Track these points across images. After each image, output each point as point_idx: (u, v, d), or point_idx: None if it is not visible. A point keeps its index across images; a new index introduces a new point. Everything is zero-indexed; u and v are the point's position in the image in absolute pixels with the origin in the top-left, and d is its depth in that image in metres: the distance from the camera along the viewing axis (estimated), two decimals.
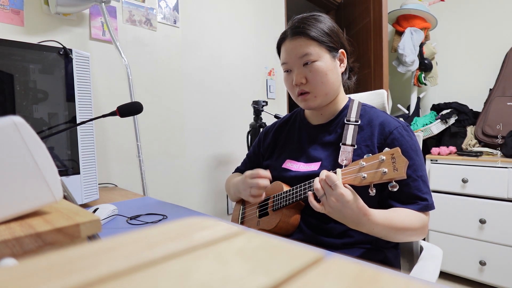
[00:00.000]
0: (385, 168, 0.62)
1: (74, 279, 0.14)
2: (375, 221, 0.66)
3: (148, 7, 1.49)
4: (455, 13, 2.38)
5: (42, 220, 0.34)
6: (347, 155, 0.75)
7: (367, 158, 0.66)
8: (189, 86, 1.67)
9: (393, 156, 0.62)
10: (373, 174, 0.63)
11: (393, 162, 0.61)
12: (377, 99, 1.01)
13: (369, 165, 0.65)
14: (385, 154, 0.63)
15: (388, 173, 0.61)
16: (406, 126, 0.79)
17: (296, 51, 0.79)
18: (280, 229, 0.80)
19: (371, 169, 0.64)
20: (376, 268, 0.18)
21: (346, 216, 0.65)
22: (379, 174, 0.63)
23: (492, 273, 1.74)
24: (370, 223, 0.66)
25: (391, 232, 0.69)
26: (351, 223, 0.66)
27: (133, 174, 1.40)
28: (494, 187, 1.73)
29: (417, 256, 0.90)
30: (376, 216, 0.67)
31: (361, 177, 0.65)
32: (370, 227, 0.67)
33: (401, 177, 0.60)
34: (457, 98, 2.30)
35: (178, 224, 0.23)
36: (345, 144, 0.78)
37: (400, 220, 0.70)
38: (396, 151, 0.62)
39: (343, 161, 0.75)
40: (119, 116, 0.83)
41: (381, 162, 0.63)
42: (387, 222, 0.68)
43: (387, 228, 0.68)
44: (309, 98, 0.81)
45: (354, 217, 0.65)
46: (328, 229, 0.77)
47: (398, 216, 0.70)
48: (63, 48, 0.90)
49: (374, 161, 0.64)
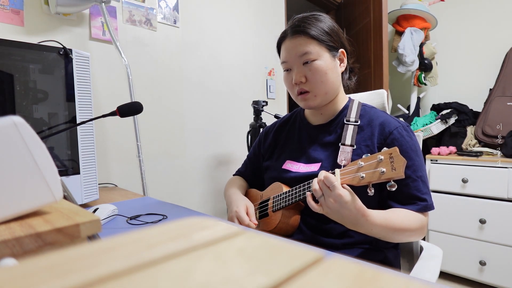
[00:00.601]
0: (383, 168, 0.62)
1: (74, 279, 0.14)
2: (373, 222, 0.66)
3: (148, 7, 1.49)
4: (455, 13, 2.38)
5: (42, 220, 0.34)
6: (346, 155, 0.75)
7: (365, 158, 0.66)
8: (189, 86, 1.67)
9: (391, 156, 0.62)
10: (371, 174, 0.63)
11: (391, 161, 0.61)
12: (377, 99, 1.00)
13: (367, 165, 0.65)
14: (383, 154, 0.63)
15: (386, 172, 0.61)
16: (406, 126, 0.79)
17: (296, 50, 0.79)
18: (280, 230, 0.80)
19: (369, 169, 0.64)
20: (376, 268, 0.18)
21: (344, 217, 0.65)
22: (377, 174, 0.62)
23: (492, 273, 1.74)
24: (368, 224, 0.66)
25: (390, 232, 0.69)
26: (349, 224, 0.66)
27: (133, 174, 1.40)
28: (494, 187, 1.73)
29: (417, 256, 0.90)
30: (375, 217, 0.67)
31: (359, 177, 0.65)
32: (368, 228, 0.66)
33: (399, 176, 0.60)
34: (457, 98, 2.30)
35: (178, 224, 0.23)
36: (344, 144, 0.77)
37: (399, 221, 0.70)
38: (394, 151, 0.62)
39: (342, 161, 0.75)
40: (119, 116, 0.83)
41: (379, 162, 0.63)
42: (385, 222, 0.68)
43: (385, 229, 0.68)
44: (309, 97, 0.81)
45: (352, 217, 0.64)
46: (328, 230, 0.77)
47: (396, 217, 0.70)
48: (63, 48, 0.90)
49: (372, 161, 0.64)
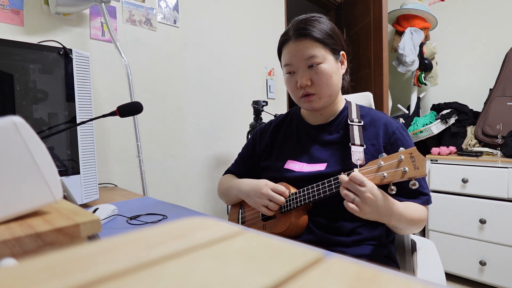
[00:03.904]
0: (406, 167, 0.63)
1: (74, 279, 0.14)
2: (400, 211, 0.69)
3: (148, 7, 1.49)
4: (455, 13, 2.38)
5: (42, 220, 0.34)
6: (359, 155, 0.75)
7: (384, 158, 0.66)
8: (189, 86, 1.67)
9: (412, 155, 0.63)
10: (393, 173, 0.64)
11: (413, 161, 0.63)
12: (365, 101, 1.03)
13: (388, 165, 0.65)
14: (403, 153, 0.64)
15: (409, 171, 0.63)
16: (403, 126, 0.84)
17: (301, 53, 0.78)
18: (291, 232, 0.79)
19: (391, 168, 0.65)
20: (376, 268, 0.18)
21: (380, 209, 0.66)
22: (399, 173, 0.63)
23: (492, 273, 1.74)
24: (397, 213, 0.69)
25: (408, 222, 0.72)
26: (385, 216, 0.67)
27: (133, 174, 1.40)
28: (494, 187, 1.73)
29: (409, 250, 0.93)
30: (399, 206, 0.70)
31: (381, 176, 0.65)
32: (397, 217, 0.69)
33: (422, 175, 0.62)
34: (457, 98, 2.30)
35: (178, 224, 0.23)
36: (354, 144, 0.77)
37: (413, 211, 0.74)
38: (414, 150, 0.63)
39: (357, 161, 0.75)
40: (119, 116, 0.83)
41: (400, 161, 0.64)
42: (407, 212, 0.71)
43: (407, 219, 0.71)
44: (314, 99, 0.81)
45: (387, 208, 0.67)
46: (338, 228, 0.78)
47: (410, 208, 0.74)
48: (63, 48, 0.90)
49: (393, 160, 0.65)
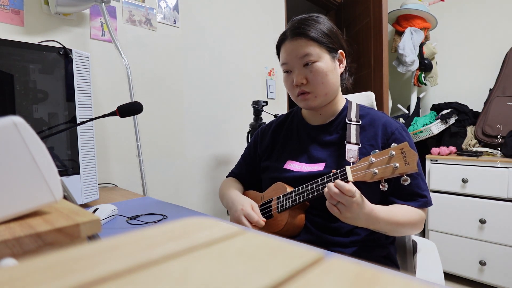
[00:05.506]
0: (397, 163, 0.62)
1: (74, 279, 0.14)
2: (379, 216, 0.68)
3: (148, 7, 1.49)
4: (455, 13, 2.38)
5: (42, 220, 0.34)
6: (354, 153, 0.76)
7: (376, 154, 0.66)
8: (189, 86, 1.67)
9: (403, 151, 0.62)
10: (383, 169, 0.64)
11: (404, 156, 0.62)
12: (366, 101, 1.03)
13: (379, 161, 0.65)
14: (394, 149, 0.63)
15: (400, 167, 0.62)
16: (403, 127, 0.83)
17: (296, 52, 0.79)
18: (287, 231, 0.79)
19: (382, 165, 0.64)
20: (376, 268, 0.18)
21: (361, 216, 0.66)
22: (390, 169, 0.63)
23: (492, 273, 1.74)
24: (375, 219, 0.68)
25: (393, 226, 0.71)
26: (363, 222, 0.67)
27: (133, 174, 1.40)
28: (494, 187, 1.73)
29: (410, 251, 0.93)
30: (380, 211, 0.69)
31: (372, 173, 0.65)
32: (376, 223, 0.69)
33: (413, 170, 0.61)
34: (457, 98, 2.30)
35: (178, 224, 0.23)
36: (349, 142, 0.78)
37: (401, 215, 0.73)
38: (405, 146, 0.62)
39: (350, 159, 0.75)
40: (119, 116, 0.83)
41: (391, 157, 0.63)
42: (389, 216, 0.70)
43: (389, 223, 0.70)
44: (309, 97, 0.81)
45: (366, 215, 0.66)
46: (336, 228, 0.78)
47: (399, 212, 0.73)
48: (63, 48, 0.90)
49: (383, 156, 0.65)
